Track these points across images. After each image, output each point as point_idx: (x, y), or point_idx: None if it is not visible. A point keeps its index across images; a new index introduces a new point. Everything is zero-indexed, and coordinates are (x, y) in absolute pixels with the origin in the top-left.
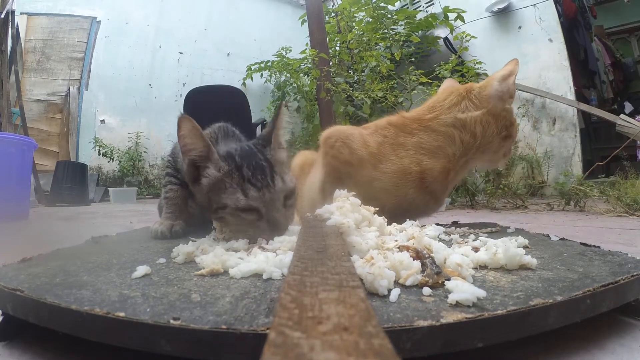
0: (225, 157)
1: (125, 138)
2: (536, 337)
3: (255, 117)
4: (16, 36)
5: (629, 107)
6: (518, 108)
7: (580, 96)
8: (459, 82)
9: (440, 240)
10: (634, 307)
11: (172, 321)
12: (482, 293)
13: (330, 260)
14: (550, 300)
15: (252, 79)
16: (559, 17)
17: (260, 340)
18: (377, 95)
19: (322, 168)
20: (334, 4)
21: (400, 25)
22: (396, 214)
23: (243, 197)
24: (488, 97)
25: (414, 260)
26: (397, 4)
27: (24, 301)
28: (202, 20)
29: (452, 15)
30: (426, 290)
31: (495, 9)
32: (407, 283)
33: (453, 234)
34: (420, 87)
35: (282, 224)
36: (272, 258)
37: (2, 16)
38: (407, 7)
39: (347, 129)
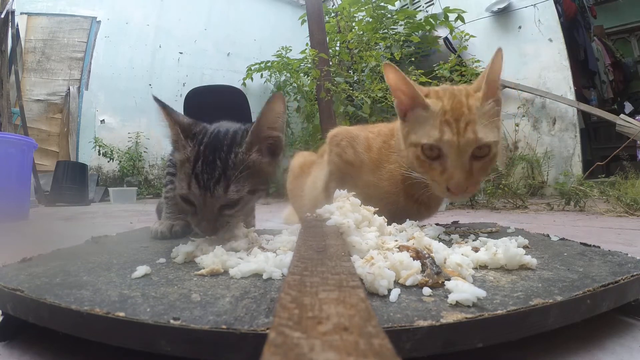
0: (193, 141)
1: (125, 138)
2: (536, 337)
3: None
4: (16, 36)
5: (629, 107)
6: (518, 108)
7: (580, 96)
8: (458, 81)
9: (440, 240)
10: (634, 307)
11: (172, 321)
12: (482, 293)
13: (330, 260)
14: (550, 300)
15: (252, 79)
16: (559, 17)
17: (260, 340)
18: (377, 95)
19: (327, 166)
20: (334, 4)
21: (401, 25)
22: (393, 217)
23: (186, 188)
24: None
25: (414, 260)
26: (397, 4)
27: (24, 301)
28: (202, 20)
29: (452, 16)
30: (426, 290)
31: (495, 9)
32: (407, 283)
33: (453, 234)
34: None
35: (208, 229)
36: (272, 258)
37: (2, 16)
38: (407, 7)
39: (354, 129)
